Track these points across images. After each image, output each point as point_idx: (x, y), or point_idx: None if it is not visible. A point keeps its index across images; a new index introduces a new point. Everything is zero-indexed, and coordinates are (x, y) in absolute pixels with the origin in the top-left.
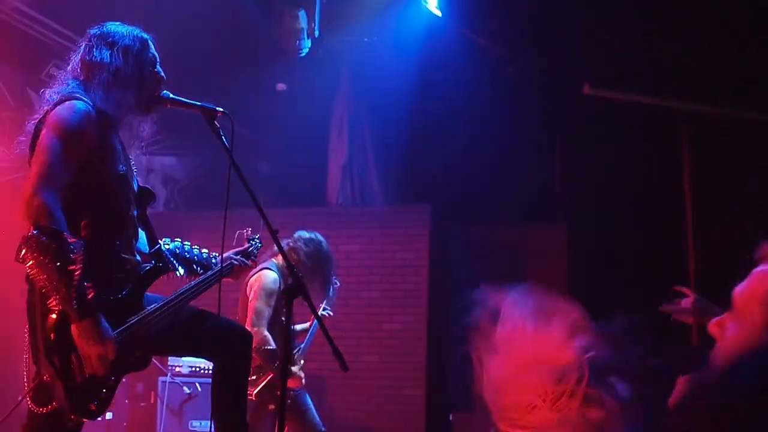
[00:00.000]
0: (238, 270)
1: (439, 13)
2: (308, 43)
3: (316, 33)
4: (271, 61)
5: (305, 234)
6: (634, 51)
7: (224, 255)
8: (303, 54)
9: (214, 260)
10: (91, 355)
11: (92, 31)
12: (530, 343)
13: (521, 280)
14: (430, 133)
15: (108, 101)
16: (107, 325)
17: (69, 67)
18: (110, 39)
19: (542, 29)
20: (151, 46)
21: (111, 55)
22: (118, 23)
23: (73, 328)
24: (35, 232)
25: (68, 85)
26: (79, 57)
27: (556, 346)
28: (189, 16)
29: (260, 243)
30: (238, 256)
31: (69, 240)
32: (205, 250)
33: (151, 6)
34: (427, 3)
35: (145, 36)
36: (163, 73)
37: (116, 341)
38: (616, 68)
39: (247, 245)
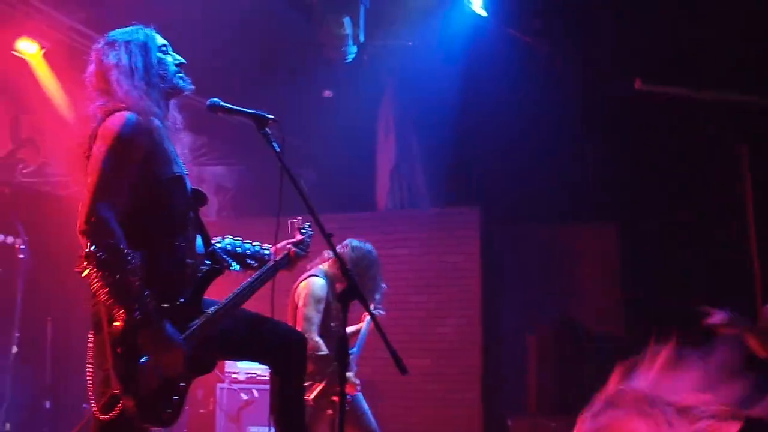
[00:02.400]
0: (295, 259)
1: (483, 13)
2: (353, 49)
3: (361, 38)
4: (317, 68)
5: (354, 242)
6: (685, 44)
7: (279, 245)
8: (348, 60)
9: (267, 251)
10: (162, 362)
11: (97, 45)
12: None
13: (572, 281)
14: (476, 134)
15: (127, 97)
16: (174, 330)
17: (90, 82)
18: (113, 43)
19: (588, 25)
20: (156, 36)
21: (116, 54)
22: (118, 30)
23: (141, 338)
24: (93, 247)
25: (100, 90)
26: (92, 70)
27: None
28: (234, 26)
29: (312, 231)
30: (293, 246)
31: (127, 252)
32: (256, 243)
33: (197, 19)
34: (471, 4)
35: (146, 29)
36: (180, 57)
37: (185, 345)
38: (667, 63)
39: (299, 236)
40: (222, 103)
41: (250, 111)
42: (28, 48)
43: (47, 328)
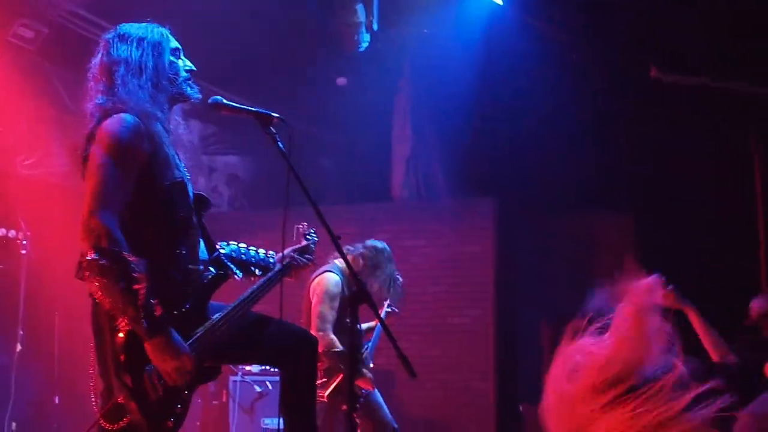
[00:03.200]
0: (298, 269)
1: (499, 1)
2: (367, 36)
3: (375, 26)
4: (331, 57)
5: (369, 241)
6: (702, 33)
7: (284, 253)
8: (362, 48)
9: (272, 259)
10: (169, 370)
11: (107, 36)
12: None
13: (588, 270)
14: (493, 123)
15: (130, 96)
16: (179, 337)
17: (91, 74)
18: (126, 36)
19: (605, 13)
20: (171, 38)
21: (127, 49)
22: (133, 23)
23: (147, 347)
24: (95, 255)
25: (100, 91)
26: (98, 61)
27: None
28: (247, 15)
29: (317, 237)
30: (296, 254)
31: (130, 259)
32: (261, 250)
33: (210, 8)
34: None
35: (161, 28)
36: (191, 64)
37: (192, 353)
38: (683, 52)
39: (304, 242)
40: (225, 102)
41: (254, 109)
42: (25, 33)
43: (54, 322)
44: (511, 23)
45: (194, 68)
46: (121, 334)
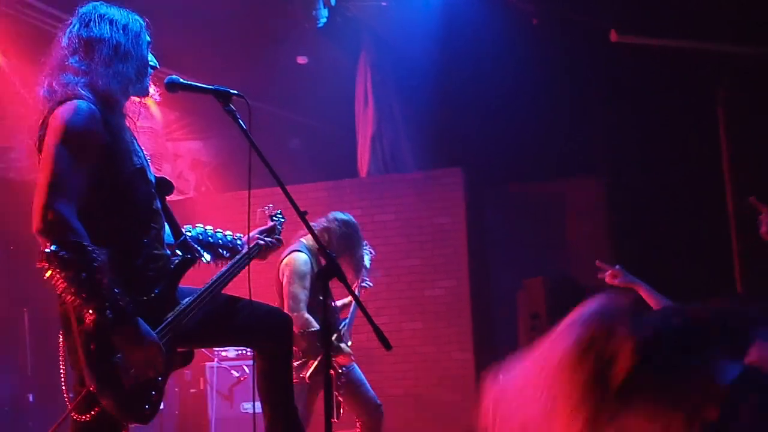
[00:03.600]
0: (266, 250)
1: None
2: (325, 12)
3: (333, 1)
4: (290, 35)
5: (337, 214)
6: None
7: (249, 235)
8: (321, 24)
9: (239, 242)
10: (137, 361)
11: (84, 9)
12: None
13: (560, 237)
14: (457, 94)
15: (110, 79)
16: (147, 327)
17: (65, 45)
18: (108, 17)
19: None
20: (146, 31)
21: (111, 30)
22: (109, 5)
23: (113, 337)
24: (54, 248)
25: (68, 66)
26: (75, 33)
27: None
28: None
29: (283, 218)
30: (264, 236)
31: (90, 248)
32: (228, 232)
33: None
34: None
35: (140, 20)
36: (156, 61)
37: (160, 341)
38: (643, 12)
39: (270, 223)
40: (181, 81)
41: (212, 87)
42: None
43: (24, 319)
44: None
45: (158, 65)
46: (90, 325)
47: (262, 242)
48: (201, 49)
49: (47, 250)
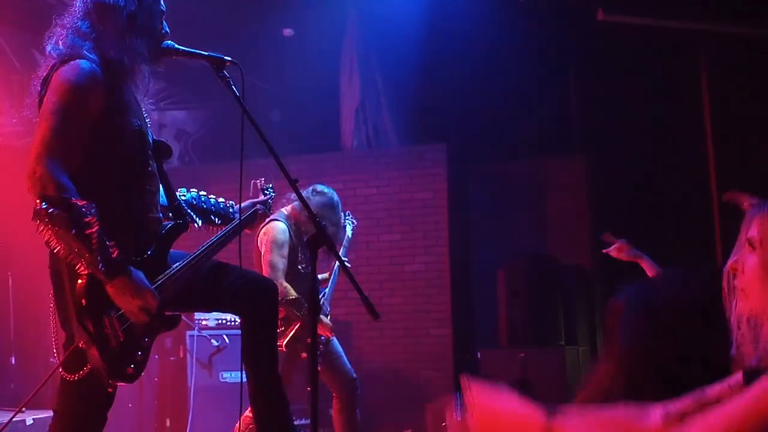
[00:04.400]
0: (259, 219)
1: None
2: None
3: None
4: (277, 6)
5: (318, 186)
6: None
7: (244, 204)
8: None
9: (231, 209)
10: (133, 309)
11: None
12: None
13: (542, 214)
14: (441, 70)
15: (121, 49)
16: (140, 274)
17: (77, 8)
18: None
19: None
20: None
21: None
22: None
23: (108, 289)
24: (43, 204)
25: (77, 30)
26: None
27: None
28: None
29: (274, 192)
30: (259, 205)
31: (79, 204)
32: (221, 199)
33: None
34: None
35: None
36: (167, 28)
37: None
38: None
39: (262, 196)
40: (177, 46)
41: (206, 53)
42: None
43: (8, 282)
44: None
45: (169, 32)
46: (81, 280)
47: (260, 210)
48: (186, 18)
49: (36, 207)
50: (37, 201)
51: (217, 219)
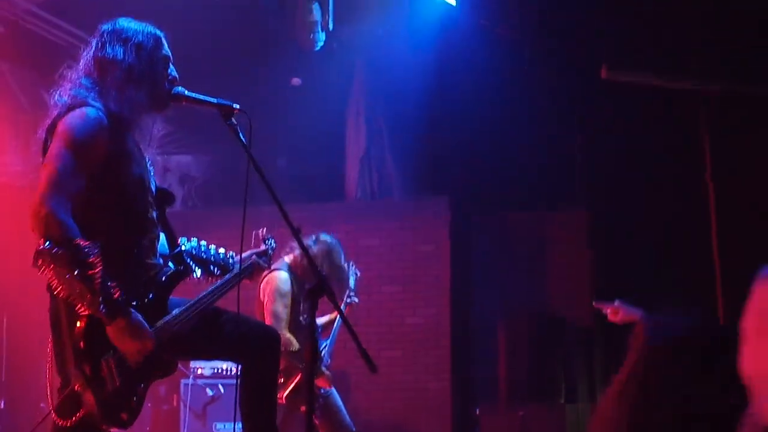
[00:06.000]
0: (259, 271)
1: (453, 2)
2: (322, 35)
3: (330, 25)
4: (285, 55)
5: (321, 235)
6: (651, 31)
7: (244, 255)
8: (318, 47)
9: (231, 260)
10: (132, 351)
11: (104, 27)
12: None
13: (543, 268)
14: (447, 122)
15: (121, 101)
16: (139, 317)
17: (81, 65)
18: (123, 35)
19: (557, 14)
20: (165, 44)
21: (124, 51)
22: (130, 19)
23: (108, 330)
24: (47, 244)
25: (80, 85)
26: (91, 54)
27: None
28: (201, 10)
29: (275, 243)
30: (257, 257)
31: (83, 244)
32: (222, 250)
33: (163, 3)
34: None
35: (159, 33)
36: (176, 73)
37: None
38: (633, 50)
39: (263, 246)
40: (186, 92)
41: (215, 100)
42: None
43: (3, 324)
44: (465, 23)
45: (177, 78)
46: (80, 323)
47: (258, 263)
48: (194, 65)
49: (40, 246)
50: (41, 240)
51: (216, 269)
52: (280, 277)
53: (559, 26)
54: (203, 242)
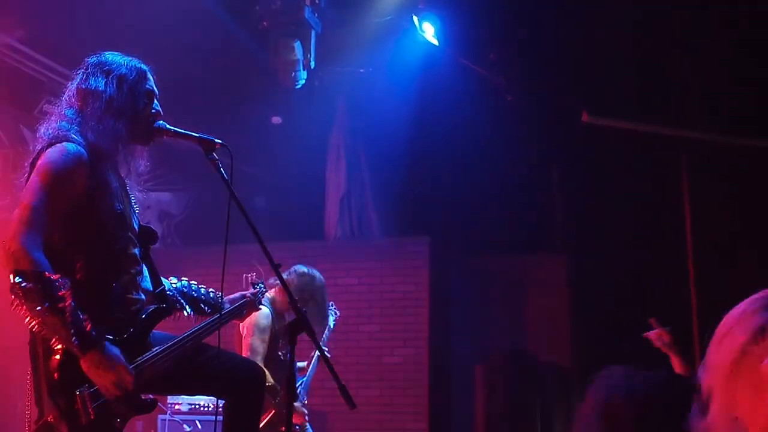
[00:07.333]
0: (249, 311)
1: (436, 42)
2: (304, 74)
3: (312, 64)
4: (266, 94)
5: (300, 268)
6: (632, 78)
7: (234, 296)
8: (299, 86)
9: (220, 299)
10: (107, 384)
11: (90, 60)
12: None
13: (521, 311)
14: (428, 163)
15: (101, 132)
16: (115, 349)
17: (65, 96)
18: (106, 67)
19: (540, 58)
20: (150, 78)
21: (106, 83)
22: (117, 53)
23: (82, 363)
24: (17, 279)
25: (64, 117)
26: (75, 85)
27: None
28: (183, 48)
29: (265, 288)
30: (251, 296)
31: (53, 278)
32: (211, 289)
33: (145, 38)
34: (423, 32)
35: (144, 67)
36: (159, 108)
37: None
38: (614, 96)
39: (253, 290)
40: (168, 126)
41: (197, 135)
42: None
43: None
44: (447, 64)
45: (161, 112)
46: (56, 357)
47: (254, 298)
48: (175, 104)
49: (11, 281)
50: (11, 276)
51: (206, 308)
52: (261, 312)
53: (540, 70)
54: (192, 282)
